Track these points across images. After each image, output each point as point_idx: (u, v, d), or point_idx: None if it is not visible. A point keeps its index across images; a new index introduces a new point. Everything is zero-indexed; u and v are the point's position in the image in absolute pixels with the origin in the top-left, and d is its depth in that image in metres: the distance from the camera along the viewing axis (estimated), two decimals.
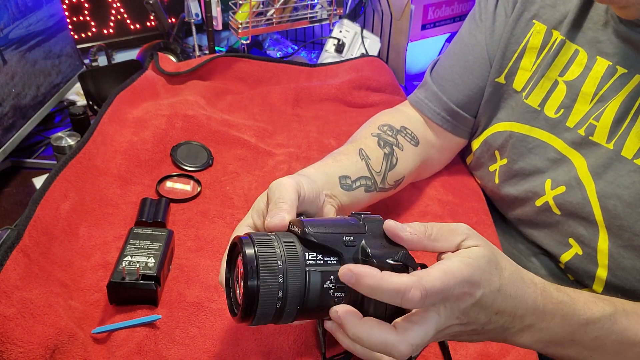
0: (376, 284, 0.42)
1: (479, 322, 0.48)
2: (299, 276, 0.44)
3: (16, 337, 0.56)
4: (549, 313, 0.51)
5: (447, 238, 0.47)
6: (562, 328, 0.52)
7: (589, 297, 0.55)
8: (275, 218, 0.50)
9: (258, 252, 0.44)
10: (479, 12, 0.84)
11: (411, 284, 0.42)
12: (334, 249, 0.46)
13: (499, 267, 0.48)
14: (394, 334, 0.44)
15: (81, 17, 1.29)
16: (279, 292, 0.43)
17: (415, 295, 0.42)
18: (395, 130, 0.82)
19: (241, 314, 0.44)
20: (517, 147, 0.78)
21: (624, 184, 0.66)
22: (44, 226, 0.70)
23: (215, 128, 0.98)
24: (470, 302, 0.46)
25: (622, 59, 0.68)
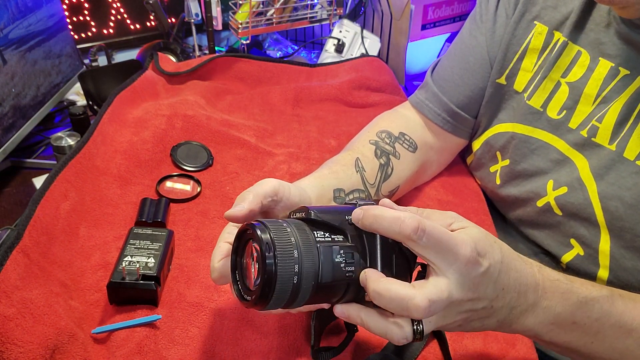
0: (380, 212, 0.45)
1: (488, 297, 0.48)
2: (312, 251, 0.45)
3: (16, 337, 0.56)
4: (549, 290, 0.51)
5: (438, 218, 0.49)
6: (563, 307, 0.52)
7: (584, 280, 0.55)
8: (235, 208, 0.53)
9: (272, 232, 0.45)
10: (479, 13, 0.84)
11: (411, 215, 0.44)
12: (338, 227, 0.48)
13: (497, 242, 0.49)
14: (412, 289, 0.44)
15: (81, 17, 1.29)
16: (295, 267, 0.44)
17: (412, 223, 0.43)
18: (394, 137, 0.82)
19: (258, 294, 0.44)
20: (519, 148, 0.78)
21: (625, 185, 0.66)
22: (44, 226, 0.70)
23: (215, 128, 0.98)
24: (479, 270, 0.46)
25: (624, 60, 0.68)
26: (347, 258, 0.47)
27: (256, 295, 0.45)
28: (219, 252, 0.54)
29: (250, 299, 0.46)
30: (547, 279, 0.51)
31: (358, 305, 0.48)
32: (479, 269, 0.46)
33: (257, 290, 0.45)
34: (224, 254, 0.54)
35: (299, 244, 0.45)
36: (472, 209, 0.87)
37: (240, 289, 0.49)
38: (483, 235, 0.48)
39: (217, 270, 0.54)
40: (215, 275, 0.54)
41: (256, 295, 0.45)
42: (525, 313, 0.51)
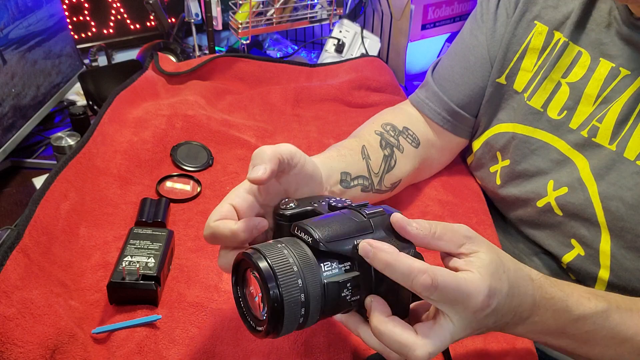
0: (392, 260, 0.44)
1: (487, 326, 0.49)
2: (317, 278, 0.44)
3: (16, 337, 0.56)
4: (542, 307, 0.51)
5: (450, 238, 0.47)
6: (554, 322, 0.53)
7: (582, 292, 0.55)
8: (257, 170, 0.50)
9: (271, 260, 0.43)
10: (480, 12, 0.84)
11: (424, 269, 0.43)
12: (347, 256, 0.46)
13: (505, 269, 0.48)
14: (415, 337, 0.44)
15: (81, 17, 1.29)
16: (302, 296, 0.43)
17: (425, 281, 0.43)
18: (398, 130, 0.82)
19: (268, 327, 0.43)
20: (520, 149, 0.78)
21: (626, 185, 0.66)
22: (44, 226, 0.70)
23: (215, 128, 0.98)
24: (487, 312, 0.46)
25: (625, 60, 0.68)
26: (353, 291, 0.46)
27: (266, 325, 0.44)
28: (218, 212, 0.52)
29: (262, 329, 0.45)
30: (543, 297, 0.51)
31: (358, 318, 0.48)
32: (487, 310, 0.46)
33: (267, 321, 0.43)
34: (223, 214, 0.51)
35: (302, 272, 0.44)
36: (472, 209, 0.87)
37: (249, 320, 0.47)
38: (495, 266, 0.47)
39: (210, 228, 0.51)
40: (206, 232, 0.51)
41: (266, 325, 0.44)
42: (516, 325, 0.52)
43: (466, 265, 0.46)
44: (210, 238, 0.51)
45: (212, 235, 0.51)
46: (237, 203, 0.52)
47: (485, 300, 0.45)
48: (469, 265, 0.46)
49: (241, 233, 0.50)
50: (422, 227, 0.47)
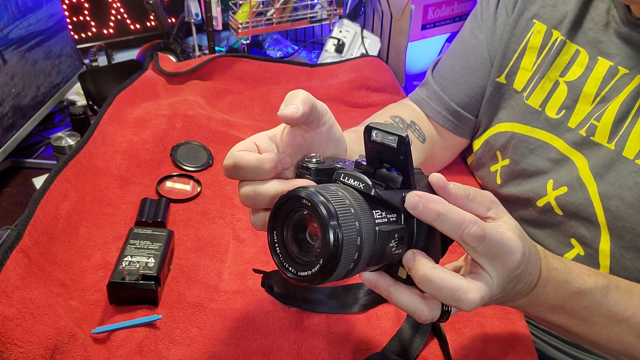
0: (444, 210, 0.43)
1: (507, 291, 0.49)
2: (371, 224, 0.43)
3: (16, 337, 0.56)
4: (545, 278, 0.52)
5: (480, 201, 0.47)
6: (555, 294, 0.53)
7: (583, 269, 0.56)
8: (289, 107, 0.46)
9: (330, 198, 0.41)
10: (480, 11, 0.85)
11: (475, 220, 0.43)
12: (395, 206, 0.45)
13: (526, 239, 0.49)
14: (468, 282, 0.44)
15: (81, 17, 1.29)
16: (358, 239, 0.41)
17: (476, 231, 0.43)
18: (407, 124, 0.83)
19: (320, 269, 0.41)
20: (518, 148, 0.78)
21: (626, 184, 0.66)
22: (44, 226, 0.70)
23: (215, 128, 0.98)
24: (518, 272, 0.47)
25: (623, 59, 0.68)
26: (399, 242, 0.45)
27: (318, 267, 0.41)
28: (242, 144, 0.48)
29: (308, 274, 0.42)
30: (547, 266, 0.52)
31: (389, 278, 0.47)
32: (518, 270, 0.47)
33: (320, 263, 0.41)
34: (247, 146, 0.48)
35: (359, 215, 0.42)
36: None
37: (289, 268, 0.44)
38: (520, 231, 0.48)
39: (234, 156, 0.47)
40: (228, 161, 0.48)
41: (318, 267, 0.41)
42: (522, 296, 0.52)
43: (501, 227, 0.47)
44: (232, 168, 0.47)
45: (235, 165, 0.47)
46: (260, 143, 0.49)
47: (521, 259, 0.46)
48: (504, 227, 0.47)
49: (267, 163, 0.47)
50: (458, 188, 0.47)
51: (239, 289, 0.70)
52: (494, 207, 0.48)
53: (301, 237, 0.44)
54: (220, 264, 0.74)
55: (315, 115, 0.48)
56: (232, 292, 0.70)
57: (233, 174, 0.48)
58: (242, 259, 0.75)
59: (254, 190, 0.47)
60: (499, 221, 0.47)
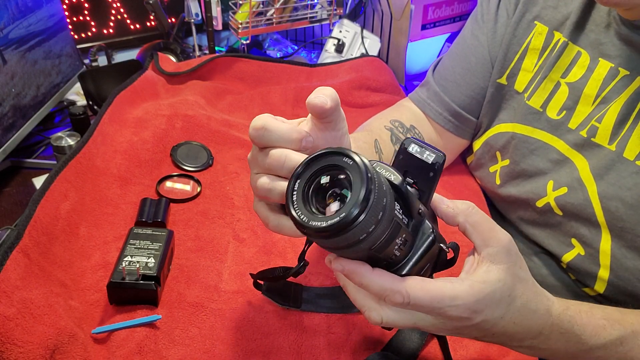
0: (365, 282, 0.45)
1: (472, 335, 0.50)
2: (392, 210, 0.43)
3: (16, 337, 0.56)
4: (553, 339, 0.52)
5: (482, 234, 0.48)
6: (565, 350, 0.53)
7: (599, 321, 0.55)
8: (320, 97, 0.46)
9: (368, 164, 0.41)
10: (480, 12, 0.84)
11: (397, 289, 0.44)
12: (412, 211, 0.45)
13: (512, 295, 0.48)
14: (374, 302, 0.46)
15: (81, 17, 1.29)
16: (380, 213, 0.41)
17: (396, 299, 0.44)
18: (406, 128, 0.83)
19: (338, 223, 0.40)
20: (519, 149, 0.78)
21: (626, 185, 0.66)
22: (44, 226, 0.70)
23: (215, 128, 0.98)
24: (466, 324, 0.47)
25: (624, 60, 0.68)
26: (402, 244, 0.45)
27: (335, 222, 0.40)
28: (268, 115, 0.48)
29: (321, 224, 0.41)
30: (556, 331, 0.52)
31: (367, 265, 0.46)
32: (465, 322, 0.47)
33: (338, 217, 0.40)
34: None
35: (388, 197, 0.41)
36: None
37: (300, 215, 0.42)
38: (499, 287, 0.47)
39: (262, 119, 0.47)
40: (257, 122, 0.47)
41: (335, 222, 0.40)
42: (519, 347, 0.52)
43: (469, 273, 0.47)
44: (260, 128, 0.47)
45: (263, 126, 0.47)
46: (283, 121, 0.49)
47: (465, 312, 0.45)
48: (470, 275, 0.47)
49: (296, 133, 0.47)
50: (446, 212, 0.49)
51: (239, 289, 0.70)
52: (495, 248, 0.47)
53: (320, 198, 0.44)
54: (220, 264, 0.74)
55: (337, 115, 0.49)
56: (232, 292, 0.70)
57: (260, 135, 0.47)
58: (242, 259, 0.75)
59: (285, 155, 0.47)
60: (482, 268, 0.47)
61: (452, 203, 0.49)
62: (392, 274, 0.45)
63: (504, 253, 0.48)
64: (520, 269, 0.49)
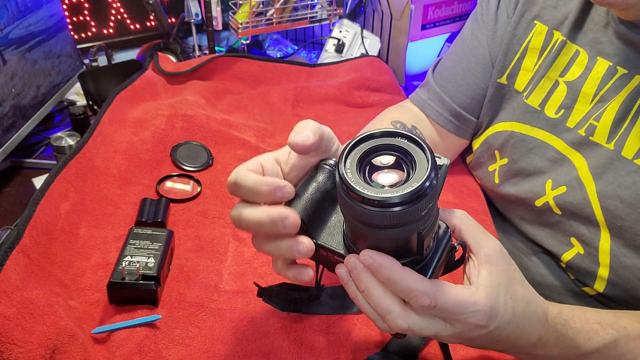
0: (395, 278, 0.43)
1: (479, 343, 0.50)
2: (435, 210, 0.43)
3: (16, 337, 0.56)
4: (549, 345, 0.52)
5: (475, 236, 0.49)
6: (560, 356, 0.54)
7: (592, 325, 0.55)
8: (300, 135, 0.46)
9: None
10: (480, 12, 0.84)
11: (425, 291, 0.43)
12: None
13: (514, 297, 0.48)
14: (400, 308, 0.45)
15: (81, 17, 1.29)
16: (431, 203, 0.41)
17: (424, 301, 0.43)
18: (407, 129, 0.83)
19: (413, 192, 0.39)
20: (517, 147, 0.78)
21: (624, 184, 0.66)
22: (44, 226, 0.70)
23: (215, 128, 0.98)
24: (482, 332, 0.47)
25: (622, 59, 0.68)
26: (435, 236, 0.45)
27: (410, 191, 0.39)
28: (249, 163, 0.49)
29: (382, 198, 0.39)
30: (552, 336, 0.52)
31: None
32: (482, 331, 0.47)
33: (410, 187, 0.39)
34: (253, 166, 0.48)
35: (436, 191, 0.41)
36: (472, 209, 0.87)
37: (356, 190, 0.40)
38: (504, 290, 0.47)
39: (236, 173, 0.47)
40: (231, 177, 0.47)
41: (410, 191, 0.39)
42: (517, 354, 0.53)
43: (478, 278, 0.47)
44: (232, 184, 0.47)
45: (235, 182, 0.47)
46: (265, 164, 0.49)
47: (484, 319, 0.46)
48: (480, 280, 0.47)
49: (263, 185, 0.46)
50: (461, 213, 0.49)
51: (239, 289, 0.70)
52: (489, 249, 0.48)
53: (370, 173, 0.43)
54: (220, 264, 0.74)
55: (323, 144, 0.49)
56: (232, 292, 0.70)
57: (233, 191, 0.48)
58: (242, 259, 0.75)
59: (238, 213, 0.47)
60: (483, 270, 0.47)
61: (448, 210, 0.49)
62: (420, 275, 0.44)
63: (499, 254, 0.48)
64: (516, 272, 0.50)
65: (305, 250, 0.46)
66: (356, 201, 0.40)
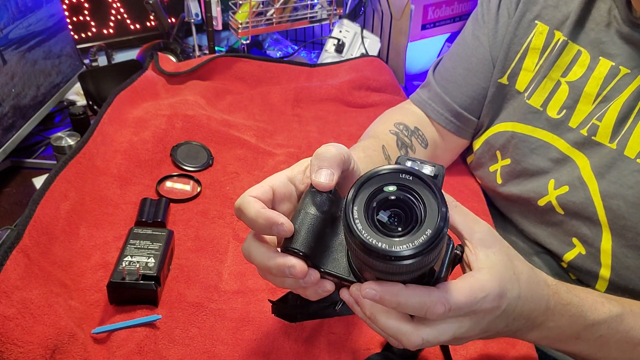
0: (403, 301, 0.43)
1: (497, 329, 0.49)
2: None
3: (16, 337, 0.56)
4: (558, 314, 0.52)
5: (465, 221, 0.49)
6: (569, 327, 0.53)
7: (597, 297, 0.55)
8: (325, 174, 0.46)
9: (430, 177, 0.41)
10: (481, 12, 0.84)
11: (436, 300, 0.43)
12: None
13: (517, 272, 0.48)
14: (410, 325, 0.45)
15: (81, 17, 1.29)
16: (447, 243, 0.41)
17: (438, 310, 0.43)
18: (410, 131, 0.83)
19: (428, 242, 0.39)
20: (519, 148, 0.78)
21: (627, 183, 0.66)
22: (44, 226, 0.70)
23: (215, 128, 0.98)
24: (496, 314, 0.47)
25: (625, 59, 0.68)
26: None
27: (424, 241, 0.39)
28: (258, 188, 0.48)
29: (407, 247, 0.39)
30: (558, 303, 0.52)
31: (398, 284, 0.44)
32: (496, 312, 0.47)
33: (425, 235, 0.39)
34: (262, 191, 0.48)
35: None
36: (472, 209, 0.85)
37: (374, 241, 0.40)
38: (505, 268, 0.47)
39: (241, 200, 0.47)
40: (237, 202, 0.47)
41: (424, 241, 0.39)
42: (530, 331, 0.52)
43: (477, 262, 0.47)
44: (237, 210, 0.48)
45: (239, 208, 0.47)
46: (277, 187, 0.49)
47: (495, 299, 0.45)
48: (480, 263, 0.47)
49: (261, 219, 0.45)
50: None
51: (238, 289, 0.70)
52: (481, 232, 0.48)
53: (379, 217, 0.42)
54: (220, 264, 0.74)
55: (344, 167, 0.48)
56: (232, 292, 0.70)
57: (238, 216, 0.48)
58: (242, 259, 0.75)
59: (248, 249, 0.48)
60: (481, 254, 0.47)
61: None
62: (425, 287, 0.44)
63: (491, 235, 0.48)
64: (509, 248, 0.50)
65: (312, 281, 0.46)
66: (368, 255, 0.40)
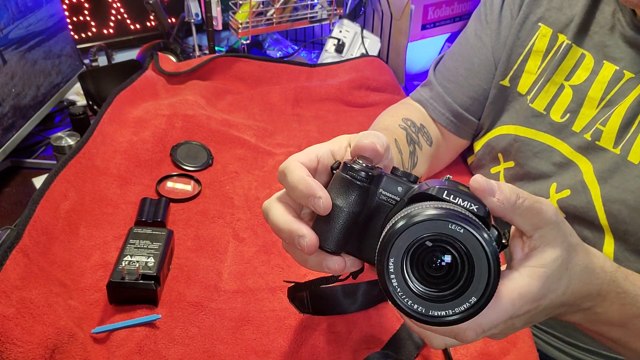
0: (430, 335, 0.42)
1: (537, 320, 0.47)
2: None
3: (16, 337, 0.56)
4: (609, 300, 0.50)
5: (531, 220, 0.43)
6: (618, 315, 0.51)
7: None
8: (375, 135, 0.44)
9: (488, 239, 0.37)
10: (484, 13, 0.84)
11: (465, 326, 0.41)
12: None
13: (571, 266, 0.45)
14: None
15: (81, 17, 1.29)
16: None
17: (469, 336, 0.42)
18: (417, 127, 0.82)
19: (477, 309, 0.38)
20: (522, 151, 0.78)
21: (629, 188, 0.66)
22: (43, 226, 0.70)
23: (215, 128, 0.98)
24: (534, 313, 0.45)
25: (629, 63, 0.67)
26: None
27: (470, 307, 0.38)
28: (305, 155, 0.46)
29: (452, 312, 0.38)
30: (613, 290, 0.49)
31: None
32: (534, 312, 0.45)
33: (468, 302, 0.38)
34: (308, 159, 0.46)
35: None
36: None
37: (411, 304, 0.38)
38: (557, 265, 0.44)
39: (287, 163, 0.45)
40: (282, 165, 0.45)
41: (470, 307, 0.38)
42: (575, 313, 0.50)
43: (521, 261, 0.44)
44: (281, 173, 0.46)
45: (283, 170, 0.46)
46: (322, 157, 0.48)
47: (534, 302, 0.43)
48: (525, 262, 0.44)
49: (302, 187, 0.43)
50: (505, 199, 0.42)
51: (238, 289, 0.70)
52: (545, 229, 0.43)
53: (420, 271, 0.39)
54: (220, 264, 0.74)
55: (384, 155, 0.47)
56: (231, 291, 0.70)
57: (280, 179, 0.46)
58: (241, 259, 0.75)
59: (269, 206, 0.46)
60: (536, 251, 0.44)
61: (502, 195, 0.42)
62: None
63: (555, 229, 0.44)
64: (571, 236, 0.46)
65: (336, 269, 0.45)
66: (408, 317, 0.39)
